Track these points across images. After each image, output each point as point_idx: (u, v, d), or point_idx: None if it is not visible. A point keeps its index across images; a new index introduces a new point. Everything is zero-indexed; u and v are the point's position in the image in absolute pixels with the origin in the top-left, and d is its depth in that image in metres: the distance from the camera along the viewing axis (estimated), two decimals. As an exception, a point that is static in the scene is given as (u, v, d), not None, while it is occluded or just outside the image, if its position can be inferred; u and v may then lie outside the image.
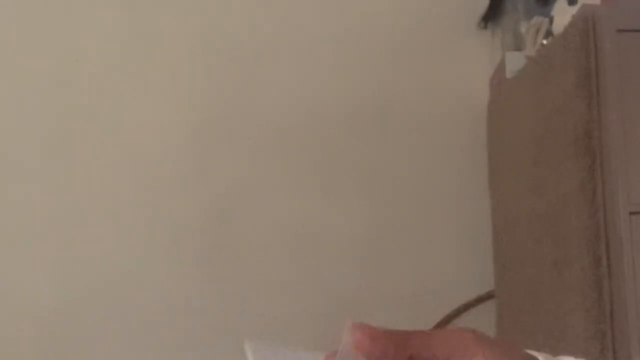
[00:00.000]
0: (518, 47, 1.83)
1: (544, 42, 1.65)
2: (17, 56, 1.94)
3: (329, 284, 1.92)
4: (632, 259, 1.26)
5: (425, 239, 1.95)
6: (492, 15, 1.96)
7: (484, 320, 1.89)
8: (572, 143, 1.36)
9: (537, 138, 1.56)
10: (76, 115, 1.93)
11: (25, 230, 1.89)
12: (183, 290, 1.89)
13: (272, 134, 1.96)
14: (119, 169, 1.92)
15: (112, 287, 1.88)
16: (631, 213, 1.28)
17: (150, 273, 1.89)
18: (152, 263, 1.90)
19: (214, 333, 1.88)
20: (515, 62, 1.78)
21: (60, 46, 1.95)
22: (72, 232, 1.90)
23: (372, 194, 1.96)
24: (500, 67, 1.86)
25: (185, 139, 1.94)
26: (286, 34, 2.00)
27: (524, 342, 1.65)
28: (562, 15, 1.56)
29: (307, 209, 1.94)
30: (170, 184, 1.93)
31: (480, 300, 1.92)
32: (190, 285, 1.89)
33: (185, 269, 1.90)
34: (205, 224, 1.92)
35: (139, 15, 1.98)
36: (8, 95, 1.93)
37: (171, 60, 1.97)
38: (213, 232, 1.92)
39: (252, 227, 1.92)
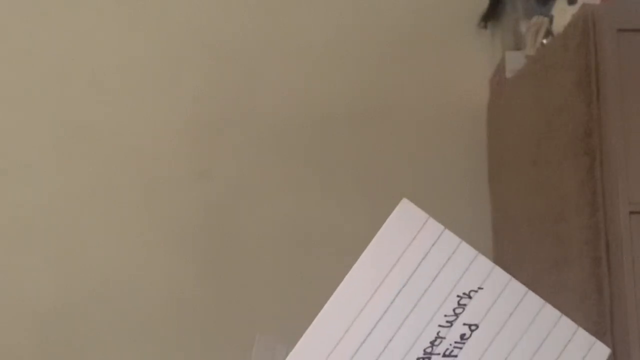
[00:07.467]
0: (518, 47, 1.83)
1: (544, 41, 1.65)
2: (16, 55, 1.94)
3: (329, 284, 1.92)
4: (632, 259, 1.26)
5: (425, 239, 1.95)
6: (492, 15, 1.96)
7: (484, 320, 1.89)
8: (572, 143, 1.36)
9: (537, 138, 1.56)
10: (75, 115, 1.93)
11: (25, 230, 1.89)
12: (183, 291, 1.89)
13: (272, 133, 1.96)
14: (119, 169, 1.92)
15: (112, 287, 1.88)
16: (631, 213, 1.28)
17: (150, 273, 1.89)
18: (152, 263, 1.90)
19: (214, 333, 1.87)
20: (515, 61, 1.78)
21: (59, 45, 1.95)
22: (72, 232, 1.90)
23: (372, 194, 1.96)
24: (500, 67, 1.86)
25: (184, 139, 1.94)
26: (286, 33, 2.00)
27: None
28: (562, 15, 1.56)
29: (307, 209, 1.94)
30: (170, 184, 1.93)
31: (480, 300, 1.92)
32: (191, 285, 1.89)
33: (185, 269, 1.90)
34: (205, 224, 1.92)
35: (138, 14, 1.98)
36: (6, 95, 1.93)
37: (171, 59, 1.97)
38: (213, 232, 1.92)
39: (251, 227, 1.92)
